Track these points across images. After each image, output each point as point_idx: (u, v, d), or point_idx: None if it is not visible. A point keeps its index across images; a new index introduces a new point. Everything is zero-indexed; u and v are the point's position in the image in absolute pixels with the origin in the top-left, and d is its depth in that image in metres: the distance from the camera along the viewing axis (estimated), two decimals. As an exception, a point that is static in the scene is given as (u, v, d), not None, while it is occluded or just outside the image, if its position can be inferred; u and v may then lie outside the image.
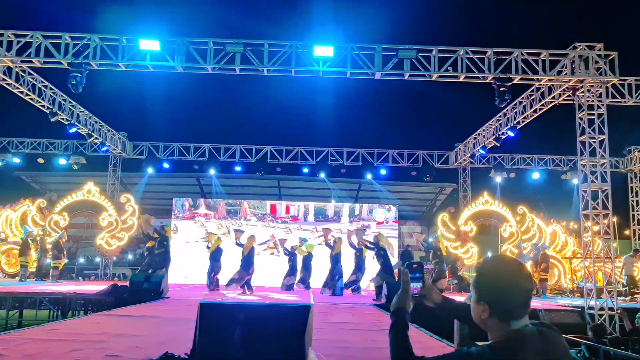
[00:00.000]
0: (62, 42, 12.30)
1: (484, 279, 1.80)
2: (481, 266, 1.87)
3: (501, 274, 1.77)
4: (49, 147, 20.49)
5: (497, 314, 1.74)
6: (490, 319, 1.75)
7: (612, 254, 13.22)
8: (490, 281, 1.78)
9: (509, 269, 1.78)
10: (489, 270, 1.82)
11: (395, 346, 1.85)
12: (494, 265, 1.83)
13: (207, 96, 26.68)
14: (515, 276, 1.76)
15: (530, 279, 1.79)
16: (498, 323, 1.74)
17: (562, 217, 20.89)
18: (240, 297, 13.63)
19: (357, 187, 24.29)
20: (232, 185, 23.99)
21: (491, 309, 1.74)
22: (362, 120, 28.51)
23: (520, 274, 1.77)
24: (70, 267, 21.65)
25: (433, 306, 2.10)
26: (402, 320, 1.91)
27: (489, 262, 1.87)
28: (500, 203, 19.72)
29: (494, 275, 1.78)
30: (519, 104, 15.56)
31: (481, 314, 1.77)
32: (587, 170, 12.70)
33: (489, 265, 1.85)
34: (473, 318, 1.82)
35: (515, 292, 1.74)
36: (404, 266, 2.05)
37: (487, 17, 24.69)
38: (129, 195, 19.92)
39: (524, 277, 1.77)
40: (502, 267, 1.80)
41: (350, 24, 24.00)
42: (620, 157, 21.07)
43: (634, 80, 14.22)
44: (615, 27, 23.30)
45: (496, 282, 1.76)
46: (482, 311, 1.77)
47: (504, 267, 1.79)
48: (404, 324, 1.90)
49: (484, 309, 1.76)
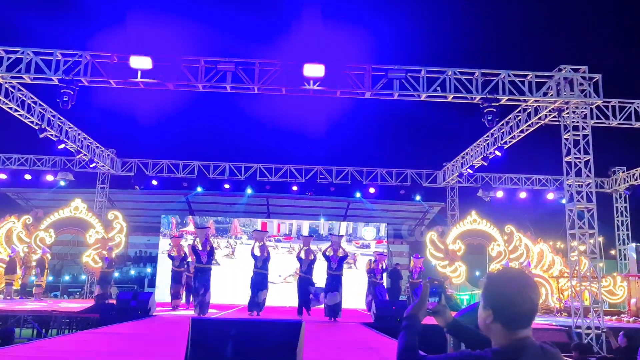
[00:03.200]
0: (53, 59, 12.30)
1: (492, 285, 1.88)
2: (491, 274, 1.95)
3: (508, 283, 1.84)
4: (37, 164, 20.34)
5: (501, 320, 1.80)
6: (494, 324, 1.82)
7: (598, 274, 13.34)
8: (498, 288, 1.85)
9: (517, 278, 1.86)
10: (497, 278, 1.89)
11: (401, 345, 1.93)
12: (503, 274, 1.92)
13: (197, 114, 26.71)
14: (522, 286, 1.83)
15: (537, 292, 1.86)
16: (501, 329, 1.80)
17: (549, 237, 21.07)
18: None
19: (346, 206, 24.34)
20: (220, 202, 23.93)
21: (495, 314, 1.81)
22: (351, 139, 28.67)
23: (527, 285, 1.84)
24: (55, 284, 21.38)
25: (443, 324, 2.20)
26: (413, 325, 1.99)
27: (500, 272, 1.95)
28: (488, 222, 19.86)
29: (502, 283, 1.86)
30: (506, 124, 15.78)
31: (485, 318, 1.84)
32: (572, 190, 12.88)
33: (498, 274, 1.93)
34: (478, 324, 1.89)
35: (520, 301, 1.80)
36: (426, 280, 2.19)
37: (475, 38, 25.14)
38: (117, 212, 19.78)
39: (530, 288, 1.84)
40: (510, 276, 1.88)
41: (340, 45, 24.28)
42: (605, 177, 21.39)
43: (618, 102, 14.51)
44: (600, 50, 23.83)
45: (503, 290, 1.83)
46: (486, 316, 1.84)
47: (512, 277, 1.87)
48: (415, 328, 1.98)
49: (488, 314, 1.83)
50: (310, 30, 25.43)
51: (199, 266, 12.83)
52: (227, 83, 12.43)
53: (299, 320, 4.60)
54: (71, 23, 23.44)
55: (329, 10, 27.86)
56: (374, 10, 28.39)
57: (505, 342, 1.78)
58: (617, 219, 21.46)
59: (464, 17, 26.15)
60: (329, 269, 13.18)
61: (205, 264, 12.84)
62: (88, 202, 19.79)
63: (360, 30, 29.58)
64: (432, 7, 26.72)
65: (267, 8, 26.76)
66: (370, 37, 29.22)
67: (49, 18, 24.63)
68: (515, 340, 1.77)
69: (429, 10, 26.93)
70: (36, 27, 23.47)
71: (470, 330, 2.16)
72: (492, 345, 1.82)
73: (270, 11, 27.32)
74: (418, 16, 26.87)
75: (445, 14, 25.74)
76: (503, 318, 1.80)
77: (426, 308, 2.08)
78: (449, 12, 25.91)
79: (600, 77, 12.72)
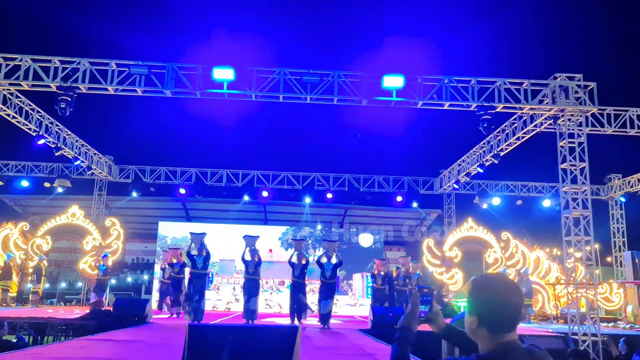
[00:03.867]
0: (51, 66, 12.36)
1: (476, 291, 1.91)
2: (475, 280, 1.98)
3: (493, 288, 1.88)
4: (34, 170, 20.34)
5: (486, 324, 1.84)
6: (480, 329, 1.86)
7: (594, 281, 13.39)
8: (482, 293, 1.89)
9: (500, 284, 1.90)
10: (482, 284, 1.93)
11: (393, 357, 1.97)
12: (487, 280, 1.95)
13: (195, 121, 26.77)
14: (506, 291, 1.87)
15: (520, 296, 1.91)
16: (487, 334, 1.84)
17: (545, 243, 21.13)
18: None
19: (343, 212, 24.36)
20: (218, 209, 23.93)
21: (480, 319, 1.85)
22: (348, 146, 28.75)
23: (511, 290, 1.88)
24: (51, 291, 21.31)
25: (437, 331, 2.22)
26: (406, 336, 2.02)
27: (483, 277, 1.99)
28: (484, 229, 19.91)
29: (486, 289, 1.90)
30: (502, 131, 15.87)
31: (471, 324, 1.88)
32: (568, 197, 12.95)
33: (482, 279, 1.96)
34: (465, 329, 1.93)
35: (505, 305, 1.85)
36: (416, 289, 2.20)
37: (471, 47, 25.32)
38: (114, 219, 19.77)
39: (514, 292, 1.88)
40: (494, 282, 1.92)
41: (339, 52, 24.43)
42: (601, 184, 21.49)
43: (613, 110, 14.62)
44: (594, 59, 24.01)
45: (487, 295, 1.87)
46: (472, 322, 1.88)
47: (496, 282, 1.91)
48: (407, 339, 2.02)
49: (473, 319, 1.87)
50: (308, 37, 25.54)
51: (195, 272, 12.80)
52: (224, 90, 12.49)
53: (295, 325, 4.63)
54: (68, 30, 23.51)
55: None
56: (369, 19, 28.56)
57: (491, 347, 1.82)
58: (612, 226, 21.54)
59: (460, 25, 26.34)
60: (322, 277, 13.13)
61: (201, 269, 12.82)
62: (85, 208, 19.80)
63: (356, 37, 29.70)
64: (427, 15, 26.92)
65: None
66: (366, 44, 29.38)
67: (47, 26, 24.69)
68: (501, 344, 1.81)
69: (425, 18, 27.13)
70: (34, 34, 23.53)
71: (464, 335, 2.21)
72: (479, 350, 1.86)
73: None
74: (414, 25, 27.05)
75: (441, 23, 25.93)
76: (488, 323, 1.84)
77: (418, 317, 2.11)
78: (445, 20, 26.11)
79: (595, 85, 12.83)
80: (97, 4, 26.91)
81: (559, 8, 25.13)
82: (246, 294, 12.92)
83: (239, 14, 27.97)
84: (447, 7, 25.82)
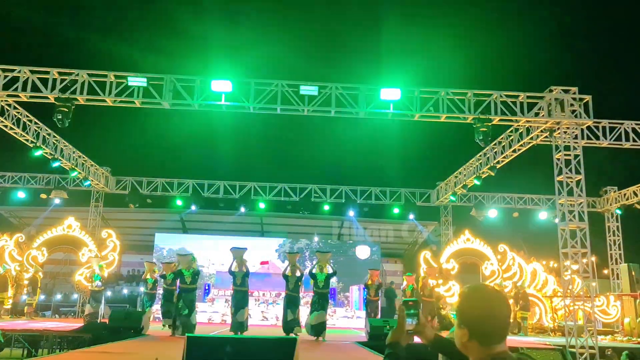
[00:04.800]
0: (49, 77, 12.39)
1: (465, 304, 1.92)
2: (463, 293, 1.98)
3: (481, 300, 1.89)
4: (30, 182, 20.29)
5: (476, 337, 1.84)
6: (470, 342, 1.86)
7: (591, 293, 13.40)
8: (471, 306, 1.89)
9: (488, 295, 1.90)
10: (469, 296, 1.93)
11: None
12: (474, 292, 1.95)
13: (193, 132, 26.82)
14: (495, 302, 1.88)
15: (508, 306, 1.92)
16: (478, 346, 1.85)
17: (542, 256, 21.13)
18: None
19: (340, 224, 24.35)
20: (214, 221, 23.89)
21: (471, 332, 1.85)
22: (345, 158, 28.81)
23: (499, 301, 1.89)
24: (46, 304, 21.17)
25: (426, 342, 2.21)
26: (395, 353, 2.02)
27: (470, 289, 1.98)
28: (481, 241, 19.91)
29: (475, 301, 1.90)
30: (499, 144, 15.95)
31: (462, 337, 1.88)
32: (565, 209, 12.99)
33: (470, 292, 1.96)
34: (455, 343, 1.93)
35: (493, 316, 1.85)
36: (402, 303, 2.17)
37: (467, 60, 25.50)
38: (110, 231, 19.70)
39: (502, 303, 1.89)
40: (482, 293, 1.92)
41: (337, 65, 24.57)
42: (597, 197, 21.56)
43: (608, 123, 14.71)
44: (590, 72, 24.22)
45: (476, 307, 1.88)
46: (462, 335, 1.87)
47: (484, 294, 1.92)
48: (396, 356, 2.02)
49: (464, 332, 1.87)
50: (306, 50, 25.70)
51: (184, 287, 12.78)
52: (222, 101, 12.53)
53: (293, 337, 4.62)
54: (67, 42, 23.66)
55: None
56: (364, 31, 28.79)
57: (482, 359, 1.83)
58: (609, 239, 21.58)
59: (456, 39, 26.56)
60: (315, 287, 13.12)
61: (189, 284, 12.81)
62: (82, 220, 19.72)
63: (353, 51, 29.94)
64: (424, 28, 27.16)
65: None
66: (363, 57, 29.58)
67: (46, 38, 24.82)
68: (492, 356, 1.82)
69: (422, 31, 27.35)
70: (32, 46, 23.61)
71: (454, 344, 2.20)
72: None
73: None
74: (409, 38, 27.28)
75: (438, 36, 26.13)
76: (479, 335, 1.84)
77: (406, 331, 2.09)
78: (442, 33, 26.32)
79: (590, 98, 12.93)
80: (96, 17, 27.07)
81: (553, 22, 25.41)
82: (234, 306, 12.87)
83: (237, 28, 28.15)
84: (444, 20, 26.05)
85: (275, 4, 26.35)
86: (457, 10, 26.48)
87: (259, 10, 25.67)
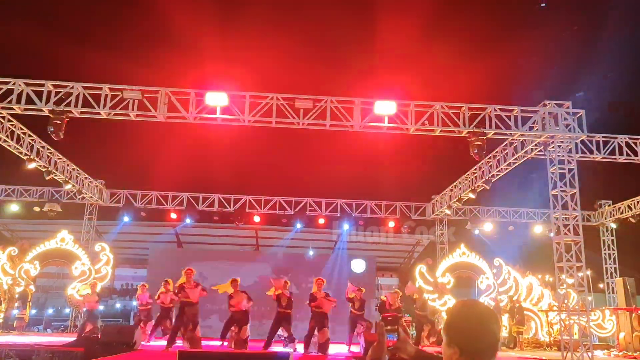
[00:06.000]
0: (44, 90, 12.36)
1: (454, 322, 1.87)
2: (451, 310, 1.94)
3: (470, 317, 1.84)
4: (24, 194, 20.16)
5: (467, 356, 1.80)
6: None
7: (587, 307, 13.35)
8: (460, 324, 1.85)
9: (477, 312, 1.87)
10: (458, 314, 1.89)
11: None
12: (463, 309, 1.91)
13: (186, 145, 26.76)
14: (484, 319, 1.84)
15: (498, 323, 1.88)
16: None
17: (538, 270, 21.09)
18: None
19: (335, 238, 24.27)
20: (209, 235, 23.76)
21: (461, 351, 1.81)
22: (340, 171, 28.78)
23: (489, 318, 1.85)
24: (38, 318, 20.93)
25: (407, 358, 2.14)
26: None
27: (458, 307, 1.94)
28: (477, 255, 19.86)
29: (464, 319, 1.86)
30: (494, 157, 15.98)
31: (452, 356, 1.83)
32: (559, 223, 12.99)
33: (458, 309, 1.92)
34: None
35: (483, 334, 1.81)
36: (380, 319, 2.11)
37: (462, 73, 25.64)
38: (104, 244, 19.55)
39: (492, 320, 1.85)
40: (470, 311, 1.88)
41: (330, 77, 24.64)
42: (592, 211, 21.60)
43: (602, 137, 14.79)
44: (583, 86, 24.40)
45: (465, 325, 1.83)
46: (452, 353, 1.83)
47: (473, 311, 1.88)
48: None
49: (454, 351, 1.82)
50: (303, 62, 25.80)
51: (186, 300, 12.65)
52: (217, 115, 12.53)
53: (286, 352, 4.56)
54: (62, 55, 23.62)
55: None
56: (360, 43, 28.92)
57: None
58: (604, 252, 21.58)
59: (451, 53, 26.72)
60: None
61: (191, 298, 12.68)
62: (75, 233, 19.57)
63: (347, 63, 30.04)
64: (419, 41, 27.32)
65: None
66: (358, 70, 29.68)
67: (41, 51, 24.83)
68: None
69: (417, 45, 27.52)
70: (28, 58, 23.60)
71: (436, 357, 2.15)
72: None
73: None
74: (406, 51, 27.41)
75: (432, 50, 26.29)
76: (469, 354, 1.79)
77: (386, 348, 2.03)
78: (436, 47, 26.49)
79: (583, 112, 13.00)
80: (91, 31, 27.12)
81: (547, 36, 25.64)
82: (236, 324, 12.74)
83: (231, 40, 28.26)
84: (438, 34, 26.22)
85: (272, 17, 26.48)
86: (453, 25, 26.70)
87: (254, 23, 25.79)
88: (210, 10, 24.67)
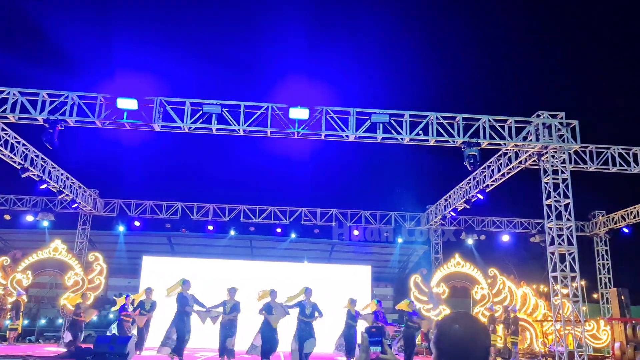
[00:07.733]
0: (38, 99, 12.34)
1: (443, 336, 1.85)
2: (441, 324, 1.91)
3: (460, 331, 1.82)
4: (17, 204, 20.04)
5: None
6: None
7: (581, 317, 13.35)
8: (450, 338, 1.83)
9: (467, 325, 1.84)
10: (448, 328, 1.86)
11: None
12: (452, 323, 1.87)
13: (182, 155, 26.76)
14: (474, 332, 1.82)
15: (488, 335, 1.86)
16: None
17: (532, 279, 21.11)
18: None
19: (330, 248, 24.24)
20: (203, 244, 23.68)
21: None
22: (335, 181, 28.83)
23: (478, 330, 1.83)
24: (30, 328, 20.73)
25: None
26: None
27: (448, 320, 1.91)
28: (471, 265, 19.87)
29: (454, 332, 1.83)
30: (488, 167, 16.04)
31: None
32: (554, 233, 13.02)
33: (448, 323, 1.88)
34: None
35: (474, 347, 1.80)
36: (364, 330, 2.07)
37: (457, 84, 25.80)
38: (97, 254, 19.44)
39: (482, 333, 1.83)
40: (460, 324, 1.85)
41: (325, 88, 24.73)
42: (586, 221, 21.67)
43: (595, 148, 14.87)
44: (576, 97, 24.59)
45: (456, 339, 1.81)
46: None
47: (463, 324, 1.85)
48: None
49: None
50: (296, 73, 25.91)
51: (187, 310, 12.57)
52: (212, 125, 12.53)
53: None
54: (57, 64, 23.62)
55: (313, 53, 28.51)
56: (358, 55, 29.10)
57: None
58: (598, 263, 21.62)
59: (446, 63, 26.89)
60: (302, 315, 12.49)
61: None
62: (68, 243, 19.44)
63: (344, 74, 30.18)
64: (416, 53, 27.50)
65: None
66: (354, 80, 29.83)
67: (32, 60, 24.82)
68: None
69: (414, 56, 27.70)
70: (21, 68, 23.59)
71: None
72: None
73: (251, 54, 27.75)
74: (402, 62, 27.59)
75: (428, 60, 26.47)
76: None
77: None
78: (432, 58, 26.66)
79: (577, 123, 13.08)
80: (89, 40, 27.15)
81: (541, 47, 25.87)
82: (223, 334, 12.48)
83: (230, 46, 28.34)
84: (432, 45, 26.40)
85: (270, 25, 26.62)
86: (448, 36, 26.90)
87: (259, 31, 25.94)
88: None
